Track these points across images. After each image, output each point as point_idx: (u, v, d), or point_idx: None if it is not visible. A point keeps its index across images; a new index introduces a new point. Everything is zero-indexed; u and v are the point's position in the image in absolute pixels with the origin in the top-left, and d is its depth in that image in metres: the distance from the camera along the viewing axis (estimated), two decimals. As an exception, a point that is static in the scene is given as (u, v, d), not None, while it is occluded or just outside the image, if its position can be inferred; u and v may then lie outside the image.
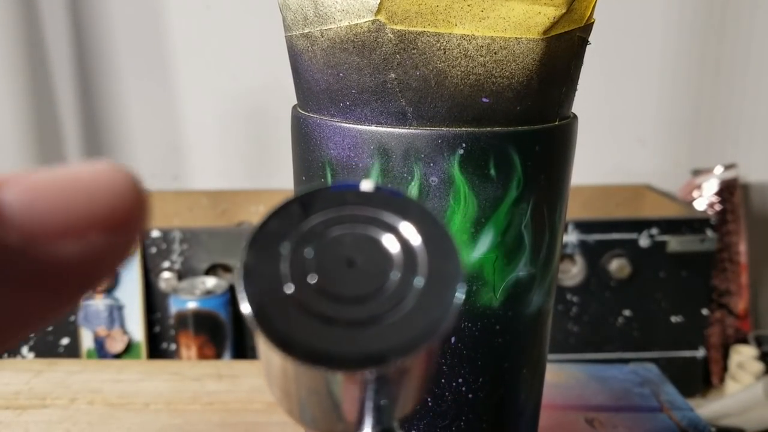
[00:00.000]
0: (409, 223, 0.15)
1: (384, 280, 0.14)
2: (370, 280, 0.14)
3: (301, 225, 0.15)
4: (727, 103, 1.03)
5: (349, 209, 0.15)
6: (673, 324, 0.85)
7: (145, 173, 1.05)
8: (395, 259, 0.14)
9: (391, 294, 0.14)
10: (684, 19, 1.00)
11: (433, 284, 0.14)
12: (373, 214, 0.15)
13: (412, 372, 0.15)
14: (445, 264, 0.14)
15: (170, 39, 1.00)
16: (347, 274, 0.14)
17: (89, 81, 1.02)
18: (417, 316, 0.14)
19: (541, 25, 0.24)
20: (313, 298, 0.14)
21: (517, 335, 0.28)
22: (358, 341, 0.13)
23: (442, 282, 0.14)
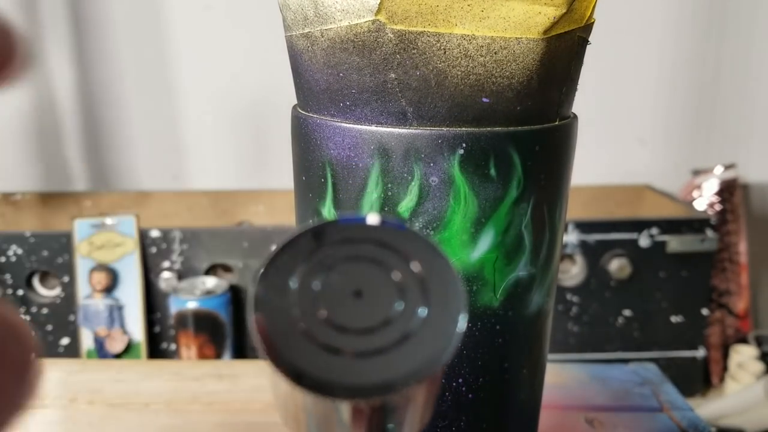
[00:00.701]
0: (412, 255, 0.15)
1: (389, 310, 0.15)
2: (376, 311, 0.15)
3: (311, 258, 0.15)
4: (727, 103, 1.03)
5: (356, 242, 0.16)
6: (673, 324, 0.85)
7: (145, 173, 1.05)
8: (400, 290, 0.15)
9: (396, 324, 0.15)
10: (684, 19, 1.00)
11: (436, 314, 0.15)
12: (379, 246, 0.15)
13: (418, 398, 0.15)
14: (448, 294, 0.15)
15: (170, 39, 1.00)
16: (354, 305, 0.15)
17: (89, 80, 1.02)
18: (421, 346, 0.14)
19: (541, 25, 0.24)
20: (321, 329, 0.14)
21: (517, 335, 0.28)
22: (365, 371, 0.14)
23: (445, 312, 0.15)
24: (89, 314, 0.82)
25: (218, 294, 0.80)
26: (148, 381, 0.51)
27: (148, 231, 0.82)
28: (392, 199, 0.26)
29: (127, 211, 0.96)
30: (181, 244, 0.82)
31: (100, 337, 0.82)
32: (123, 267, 0.82)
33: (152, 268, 0.83)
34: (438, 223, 0.26)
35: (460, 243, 0.26)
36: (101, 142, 1.05)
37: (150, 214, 0.98)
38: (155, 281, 0.83)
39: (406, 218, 0.26)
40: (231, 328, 0.82)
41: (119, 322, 0.82)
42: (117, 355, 0.82)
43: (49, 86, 1.02)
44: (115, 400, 0.48)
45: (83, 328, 0.82)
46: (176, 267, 0.83)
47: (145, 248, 0.82)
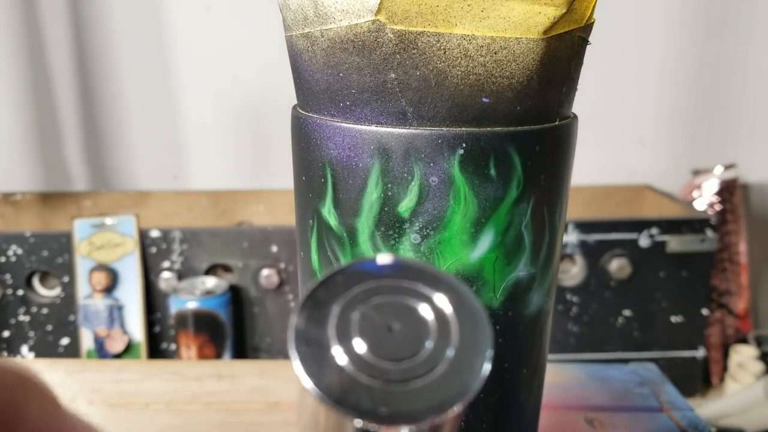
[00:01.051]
0: (441, 294, 0.16)
1: (420, 346, 0.16)
2: (408, 345, 0.16)
3: (346, 293, 0.16)
4: (727, 103, 1.03)
5: (386, 281, 0.17)
6: (673, 324, 0.85)
7: (145, 173, 1.05)
8: (430, 327, 0.16)
9: (426, 360, 0.16)
10: (684, 19, 1.00)
11: (463, 353, 0.16)
12: (409, 285, 0.17)
13: (444, 429, 0.16)
14: (475, 333, 0.16)
15: (170, 39, 1.00)
16: (387, 338, 0.16)
17: (89, 81, 1.02)
18: (448, 381, 0.15)
19: (541, 25, 0.24)
20: (356, 359, 0.15)
21: (517, 335, 0.28)
22: (395, 400, 0.15)
23: (472, 350, 0.16)
24: (89, 314, 0.82)
25: (218, 294, 0.80)
26: (148, 381, 0.51)
27: (148, 231, 0.82)
28: (392, 199, 0.26)
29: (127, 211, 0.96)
30: (181, 244, 0.82)
31: (100, 337, 0.82)
32: (123, 267, 0.82)
33: (152, 268, 0.83)
34: (438, 223, 0.26)
35: (460, 243, 0.26)
36: (101, 143, 1.05)
37: (150, 214, 0.98)
38: (155, 281, 0.83)
39: (406, 219, 0.26)
40: (231, 328, 0.82)
41: (119, 322, 0.82)
42: (117, 355, 0.82)
43: (50, 86, 1.02)
44: (115, 400, 0.48)
45: (83, 328, 0.82)
46: (176, 267, 0.83)
47: (145, 248, 0.82)
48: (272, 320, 0.84)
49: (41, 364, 0.53)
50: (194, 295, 0.80)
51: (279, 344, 0.85)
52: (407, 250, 0.26)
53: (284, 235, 0.83)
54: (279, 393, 0.50)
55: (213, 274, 0.84)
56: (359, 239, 0.27)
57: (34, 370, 0.16)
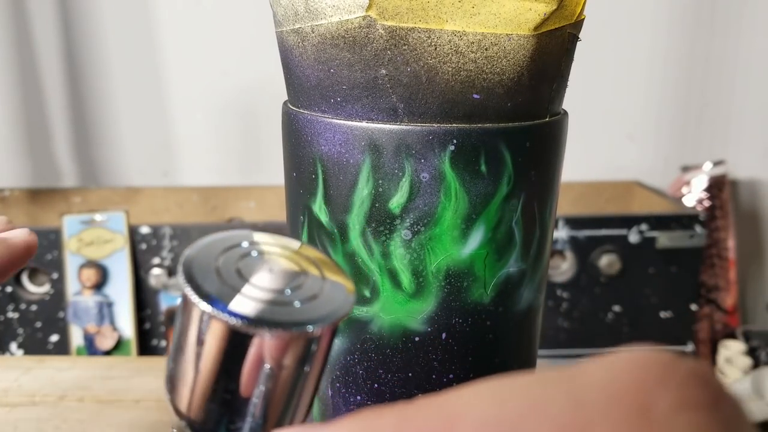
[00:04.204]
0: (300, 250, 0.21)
1: (295, 282, 0.19)
2: (284, 280, 0.19)
3: (230, 250, 0.20)
4: (716, 99, 1.04)
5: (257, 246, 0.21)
6: (662, 319, 0.86)
7: (134, 169, 1.05)
8: (300, 272, 0.20)
9: (304, 289, 0.19)
10: (673, 15, 1.01)
11: (332, 287, 0.20)
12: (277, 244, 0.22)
13: (322, 346, 0.19)
14: (339, 276, 0.20)
15: (160, 34, 1.00)
16: (267, 276, 0.19)
17: (78, 77, 1.01)
18: (316, 309, 0.19)
19: (531, 22, 0.24)
20: (242, 284, 0.19)
21: (507, 331, 0.28)
22: (270, 314, 0.18)
23: (337, 290, 0.20)
24: (79, 311, 0.82)
25: (209, 290, 0.80)
26: (138, 378, 0.51)
27: (138, 227, 0.82)
28: (383, 195, 0.26)
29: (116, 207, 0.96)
30: (171, 240, 0.82)
31: (89, 333, 0.82)
32: (112, 263, 0.82)
33: (142, 265, 0.83)
34: (429, 219, 0.26)
35: (450, 239, 0.26)
36: (90, 139, 1.04)
37: (140, 210, 0.98)
38: (145, 278, 0.83)
39: (397, 215, 0.26)
40: (221, 324, 0.82)
41: (109, 318, 0.82)
42: (107, 352, 0.82)
43: (38, 82, 1.01)
44: (105, 397, 0.48)
45: (73, 325, 0.82)
46: (166, 263, 0.83)
47: (134, 245, 0.82)
48: (263, 317, 0.84)
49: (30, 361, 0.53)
50: (184, 292, 0.79)
51: (270, 340, 0.85)
52: (398, 246, 0.26)
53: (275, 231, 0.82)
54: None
55: (203, 271, 0.84)
56: (350, 235, 0.27)
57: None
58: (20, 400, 0.48)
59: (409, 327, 0.27)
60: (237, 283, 0.18)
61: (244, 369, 0.18)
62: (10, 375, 0.51)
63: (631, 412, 0.13)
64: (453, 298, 0.27)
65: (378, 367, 0.28)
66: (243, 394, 0.19)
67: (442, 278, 0.26)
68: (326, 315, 0.18)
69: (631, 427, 0.13)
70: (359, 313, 0.27)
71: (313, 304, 0.19)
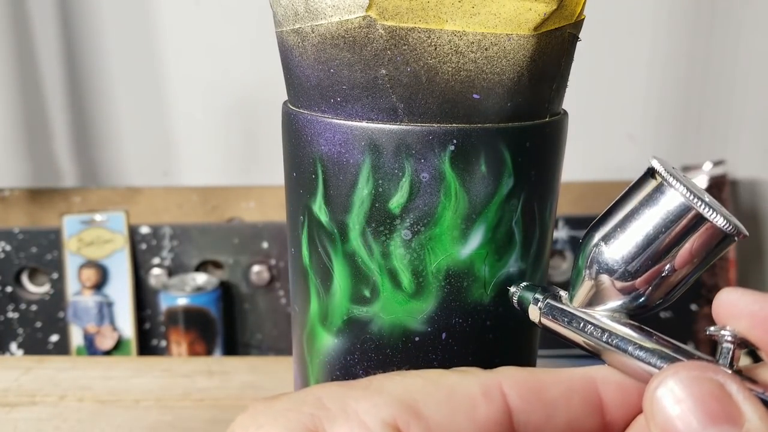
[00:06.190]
0: None
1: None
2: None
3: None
4: (716, 99, 1.04)
5: None
6: (662, 319, 0.86)
7: (134, 169, 1.05)
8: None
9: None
10: (674, 15, 1.01)
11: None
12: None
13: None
14: None
15: (160, 34, 1.00)
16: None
17: (78, 76, 1.01)
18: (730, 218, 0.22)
19: (531, 22, 0.24)
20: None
21: (507, 331, 0.28)
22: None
23: None
24: (79, 311, 0.82)
25: (209, 290, 0.80)
26: (138, 378, 0.51)
27: (138, 227, 0.82)
28: (383, 196, 0.26)
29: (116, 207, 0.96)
30: (171, 240, 0.82)
31: (89, 334, 0.82)
32: (112, 263, 0.82)
33: (142, 265, 0.83)
34: (429, 219, 0.26)
35: (450, 239, 0.26)
36: (90, 138, 1.04)
37: (140, 210, 0.98)
38: (145, 278, 0.83)
39: (397, 215, 0.26)
40: (221, 324, 0.82)
41: (109, 318, 0.82)
42: (107, 352, 0.82)
43: (38, 81, 1.01)
44: (105, 397, 0.48)
45: (73, 325, 0.82)
46: (166, 263, 0.83)
47: (134, 245, 0.82)
48: (263, 317, 0.84)
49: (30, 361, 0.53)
50: (184, 292, 0.79)
51: (270, 341, 0.85)
52: (398, 246, 0.26)
53: (275, 232, 0.82)
54: (270, 389, 0.50)
55: (203, 271, 0.84)
56: (350, 235, 0.27)
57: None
58: (20, 400, 0.48)
59: (409, 327, 0.27)
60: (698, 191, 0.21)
61: (686, 252, 0.22)
62: (10, 375, 0.51)
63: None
64: (453, 298, 0.27)
65: (378, 367, 0.28)
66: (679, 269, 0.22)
67: (442, 278, 0.26)
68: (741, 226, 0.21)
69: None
70: (359, 313, 0.27)
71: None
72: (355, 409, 0.20)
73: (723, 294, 0.21)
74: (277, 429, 0.19)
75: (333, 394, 0.21)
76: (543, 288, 0.26)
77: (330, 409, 0.20)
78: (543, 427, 0.22)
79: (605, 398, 0.23)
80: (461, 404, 0.21)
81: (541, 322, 0.25)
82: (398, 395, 0.21)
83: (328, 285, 0.28)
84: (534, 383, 0.22)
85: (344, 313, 0.28)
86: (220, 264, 0.83)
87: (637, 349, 0.22)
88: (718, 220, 0.21)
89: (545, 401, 0.22)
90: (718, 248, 0.22)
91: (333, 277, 0.28)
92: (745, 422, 0.18)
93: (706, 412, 0.18)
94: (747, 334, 0.20)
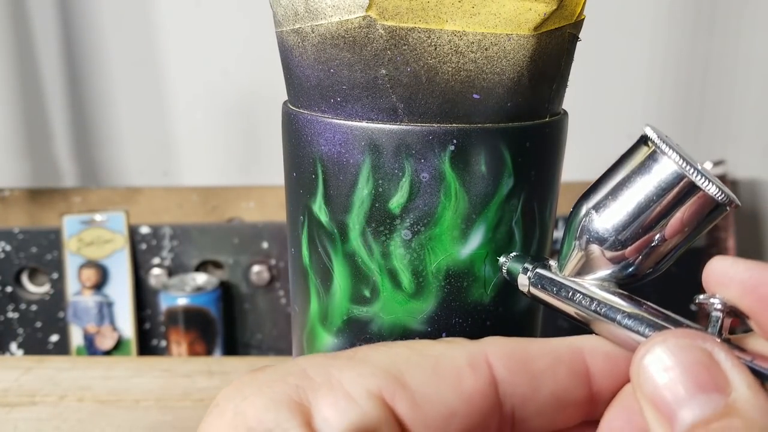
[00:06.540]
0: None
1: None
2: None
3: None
4: (716, 99, 1.04)
5: None
6: (663, 319, 0.86)
7: (134, 169, 1.05)
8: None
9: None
10: (674, 15, 1.01)
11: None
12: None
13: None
14: None
15: (160, 34, 1.00)
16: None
17: (78, 76, 1.01)
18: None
19: (531, 22, 0.24)
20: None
21: (507, 331, 0.28)
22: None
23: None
24: (79, 311, 0.82)
25: (209, 290, 0.80)
26: (138, 378, 0.51)
27: (138, 227, 0.82)
28: (383, 196, 0.26)
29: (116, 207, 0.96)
30: (171, 240, 0.82)
31: (89, 334, 0.82)
32: (112, 263, 0.82)
33: (142, 265, 0.83)
34: (429, 219, 0.26)
35: (450, 239, 0.26)
36: (90, 138, 1.04)
37: (140, 210, 0.98)
38: (145, 278, 0.83)
39: (397, 215, 0.26)
40: (221, 324, 0.82)
41: (109, 318, 0.82)
42: (107, 352, 0.82)
43: (38, 81, 1.01)
44: (105, 397, 0.48)
45: (73, 325, 0.82)
46: (166, 263, 0.83)
47: (134, 245, 0.82)
48: (263, 317, 0.84)
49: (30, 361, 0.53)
50: (185, 292, 0.79)
51: (270, 341, 0.85)
52: (398, 246, 0.26)
53: (275, 232, 0.82)
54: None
55: (203, 271, 0.84)
56: (350, 235, 0.27)
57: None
58: (20, 400, 0.48)
59: (409, 327, 0.27)
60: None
61: (677, 220, 0.22)
62: (10, 375, 0.51)
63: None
64: (453, 298, 0.27)
65: (378, 367, 0.28)
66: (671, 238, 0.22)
67: (442, 278, 0.26)
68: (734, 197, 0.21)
69: None
70: (359, 313, 0.27)
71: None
72: (339, 380, 0.20)
73: (713, 262, 0.21)
74: (262, 400, 0.19)
75: (317, 364, 0.21)
76: (532, 258, 0.26)
77: (314, 380, 0.20)
78: (529, 397, 0.21)
79: (592, 368, 0.22)
80: (447, 375, 0.21)
81: (530, 292, 0.25)
82: (383, 365, 0.21)
83: (328, 285, 0.28)
84: (520, 354, 0.22)
85: (344, 313, 0.28)
86: (220, 264, 0.84)
87: (626, 317, 0.22)
88: (710, 188, 0.21)
89: (532, 372, 0.22)
90: (710, 217, 0.22)
91: (333, 277, 0.28)
92: (732, 391, 0.18)
93: (694, 381, 0.18)
94: (737, 303, 0.20)
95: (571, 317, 0.24)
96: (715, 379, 0.18)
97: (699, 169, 0.21)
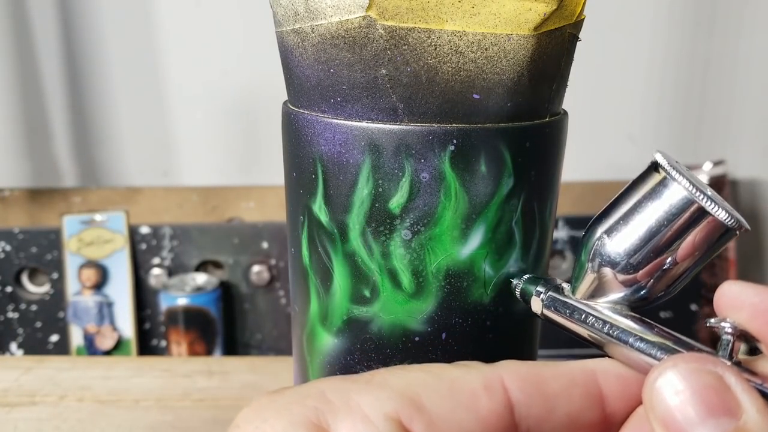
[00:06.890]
0: None
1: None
2: None
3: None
4: (715, 99, 1.04)
5: None
6: (663, 319, 0.86)
7: (134, 169, 1.05)
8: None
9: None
10: (674, 15, 1.01)
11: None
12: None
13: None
14: None
15: (160, 34, 1.00)
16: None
17: (78, 76, 1.01)
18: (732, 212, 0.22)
19: (531, 22, 0.24)
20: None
21: (507, 331, 0.28)
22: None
23: None
24: (79, 311, 0.82)
25: (208, 290, 0.80)
26: (138, 378, 0.51)
27: (138, 227, 0.82)
28: (383, 196, 0.26)
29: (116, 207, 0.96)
30: (171, 240, 0.82)
31: (89, 333, 0.82)
32: (112, 263, 0.82)
33: (142, 265, 0.83)
34: (429, 219, 0.26)
35: (450, 239, 0.26)
36: (90, 138, 1.04)
37: (140, 210, 0.98)
38: (145, 278, 0.83)
39: (397, 215, 0.26)
40: (221, 324, 0.82)
41: (109, 318, 0.82)
42: (107, 352, 0.82)
43: (38, 81, 1.01)
44: (105, 397, 0.48)
45: (73, 325, 0.82)
46: (166, 263, 0.83)
47: (134, 245, 0.82)
48: (263, 317, 0.84)
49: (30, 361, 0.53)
50: (184, 292, 0.79)
51: (269, 341, 0.85)
52: (398, 246, 0.26)
53: (275, 232, 0.82)
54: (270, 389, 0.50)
55: (203, 271, 0.84)
56: (350, 235, 0.27)
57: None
58: (20, 400, 0.48)
59: (409, 327, 0.27)
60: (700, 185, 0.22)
61: (688, 245, 0.22)
62: (10, 375, 0.51)
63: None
64: (453, 298, 0.27)
65: (378, 367, 0.28)
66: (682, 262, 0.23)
67: (442, 278, 0.26)
68: (743, 221, 0.22)
69: None
70: (359, 313, 0.27)
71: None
72: (358, 403, 0.20)
73: (724, 286, 0.21)
74: (282, 423, 0.19)
75: (336, 387, 0.21)
76: (546, 280, 0.26)
77: (333, 403, 0.20)
78: (544, 420, 0.22)
79: (605, 390, 0.23)
80: (463, 398, 0.21)
81: (543, 314, 0.25)
82: (401, 389, 0.21)
83: (328, 285, 0.28)
84: (535, 377, 0.22)
85: (344, 313, 0.28)
86: (220, 264, 0.84)
87: (638, 340, 0.22)
88: (720, 213, 0.21)
89: (546, 395, 0.22)
90: (720, 242, 0.22)
91: (333, 277, 0.28)
92: (743, 414, 0.18)
93: (705, 404, 0.18)
94: (747, 326, 0.20)
95: (584, 339, 0.24)
96: (725, 402, 0.18)
97: (708, 194, 0.21)
